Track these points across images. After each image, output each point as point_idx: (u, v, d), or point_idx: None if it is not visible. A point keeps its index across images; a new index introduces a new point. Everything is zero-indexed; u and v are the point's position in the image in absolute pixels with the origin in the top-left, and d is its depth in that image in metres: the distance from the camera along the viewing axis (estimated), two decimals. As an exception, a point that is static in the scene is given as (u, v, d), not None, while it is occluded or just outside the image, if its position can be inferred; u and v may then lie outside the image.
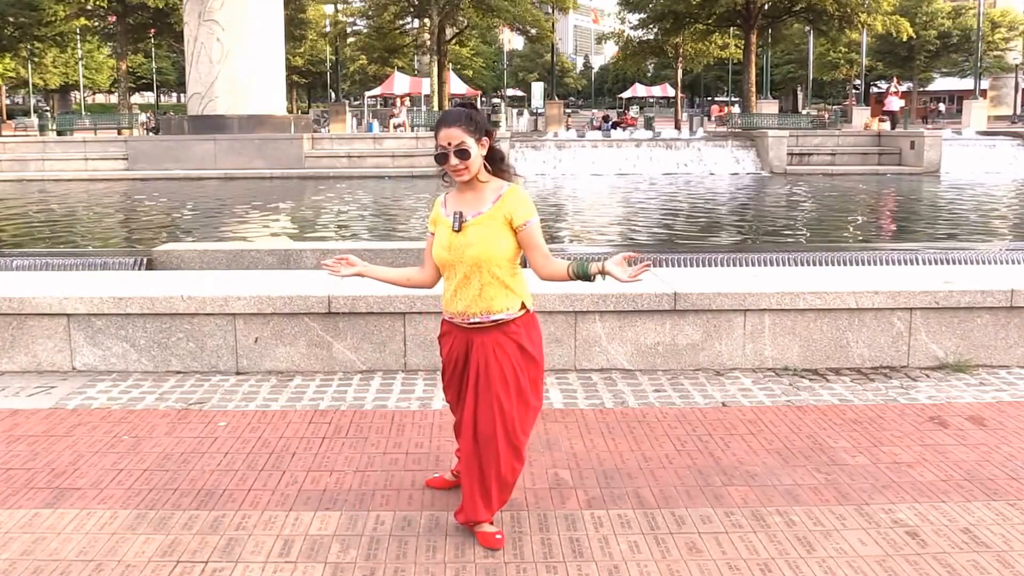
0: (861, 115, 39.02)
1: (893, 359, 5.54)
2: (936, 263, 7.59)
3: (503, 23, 46.58)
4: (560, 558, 3.13)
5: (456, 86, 54.92)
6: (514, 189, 3.17)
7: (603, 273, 3.06)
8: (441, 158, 3.08)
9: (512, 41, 62.28)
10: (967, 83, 59.85)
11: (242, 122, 24.96)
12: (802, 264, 7.50)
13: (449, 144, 3.05)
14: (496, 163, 3.18)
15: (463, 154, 3.05)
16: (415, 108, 42.44)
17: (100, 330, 5.44)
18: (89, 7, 42.76)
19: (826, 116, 38.22)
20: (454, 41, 50.32)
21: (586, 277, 3.11)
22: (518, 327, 3.18)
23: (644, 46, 47.31)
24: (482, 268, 3.10)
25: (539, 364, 3.26)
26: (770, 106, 40.51)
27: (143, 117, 40.87)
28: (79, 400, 4.94)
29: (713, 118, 47.09)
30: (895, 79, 38.08)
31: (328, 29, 51.69)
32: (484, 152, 3.13)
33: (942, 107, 61.80)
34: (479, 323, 3.15)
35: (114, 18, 44.66)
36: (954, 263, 7.57)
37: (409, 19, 48.34)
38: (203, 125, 24.99)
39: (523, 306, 3.19)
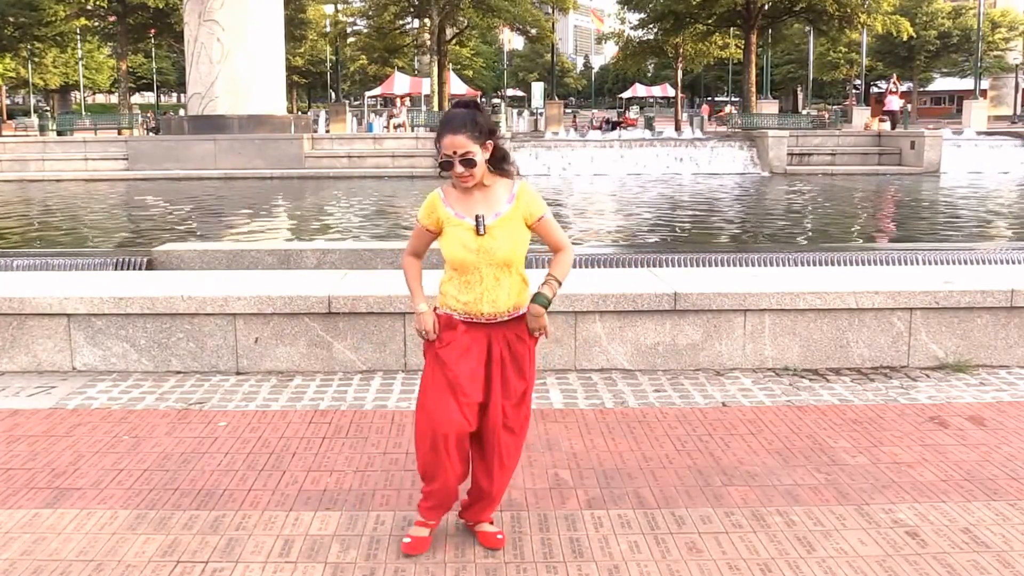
0: (861, 115, 39.01)
1: (893, 359, 5.54)
2: (936, 263, 7.59)
3: (503, 23, 46.57)
4: (560, 558, 3.13)
5: (456, 86, 54.91)
6: (525, 186, 3.16)
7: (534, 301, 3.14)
8: (446, 166, 3.01)
9: (512, 41, 62.18)
10: (967, 83, 59.84)
11: (242, 122, 24.98)
12: (802, 264, 7.50)
13: (455, 152, 2.97)
14: (499, 162, 3.13)
15: (469, 163, 2.98)
16: (415, 108, 42.45)
17: (100, 330, 5.44)
18: (89, 7, 42.81)
19: (826, 116, 38.21)
20: (454, 41, 50.34)
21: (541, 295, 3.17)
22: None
23: (644, 46, 47.28)
24: (511, 268, 3.11)
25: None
26: (770, 106, 40.53)
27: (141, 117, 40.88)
28: (79, 400, 4.94)
29: (711, 118, 47.01)
30: (895, 77, 38.11)
31: (328, 29, 51.72)
32: (488, 155, 3.06)
33: (908, 107, 61.18)
34: (506, 320, 3.15)
35: (114, 18, 44.73)
36: (954, 263, 7.57)
37: (409, 19, 48.38)
38: (203, 125, 25.01)
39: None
